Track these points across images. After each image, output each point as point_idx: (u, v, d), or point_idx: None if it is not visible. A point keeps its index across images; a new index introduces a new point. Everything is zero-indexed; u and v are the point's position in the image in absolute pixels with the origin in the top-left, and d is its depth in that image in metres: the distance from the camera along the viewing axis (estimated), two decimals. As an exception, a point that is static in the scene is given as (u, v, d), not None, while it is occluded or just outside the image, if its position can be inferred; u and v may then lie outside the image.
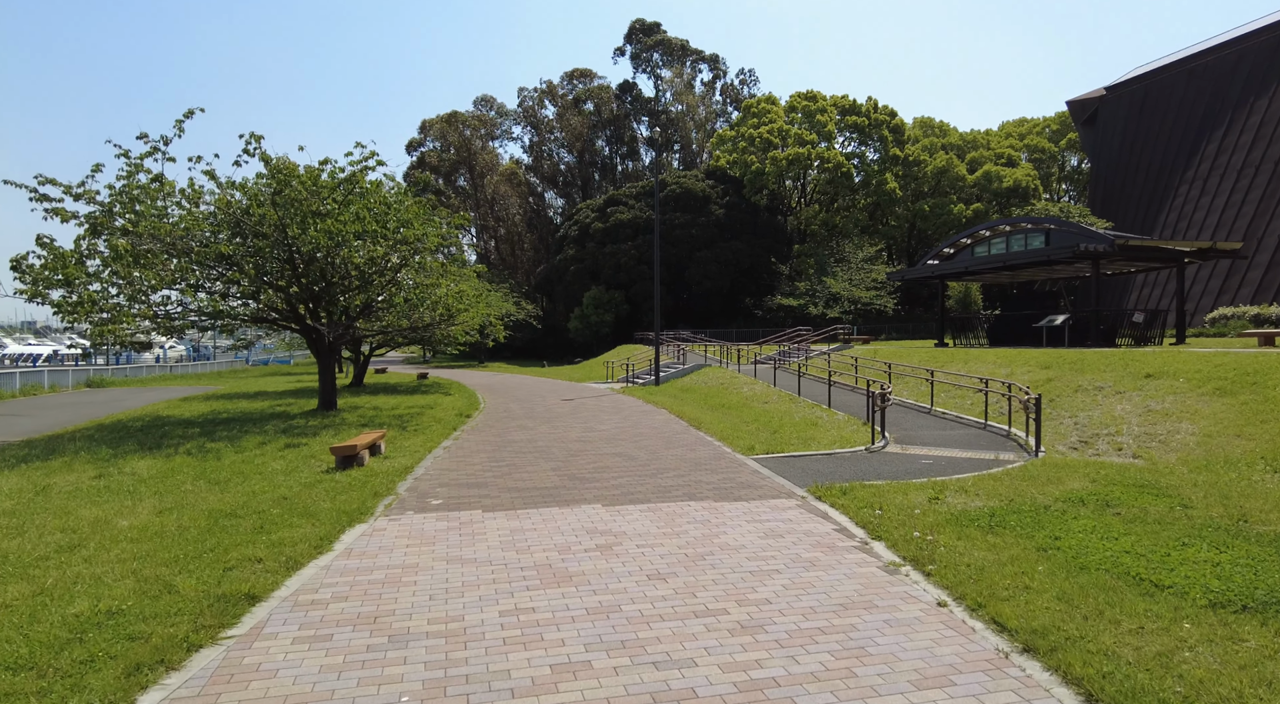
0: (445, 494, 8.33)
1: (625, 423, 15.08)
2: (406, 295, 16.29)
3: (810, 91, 58.65)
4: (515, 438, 13.14)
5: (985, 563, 5.54)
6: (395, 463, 10.35)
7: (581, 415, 16.68)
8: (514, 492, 8.43)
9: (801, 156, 52.58)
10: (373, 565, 5.74)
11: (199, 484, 8.84)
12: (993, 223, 29.17)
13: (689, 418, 15.34)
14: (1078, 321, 25.76)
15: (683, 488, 8.54)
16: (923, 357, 23.21)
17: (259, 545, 6.06)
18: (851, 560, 5.84)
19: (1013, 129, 67.36)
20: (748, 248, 53.19)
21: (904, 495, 7.91)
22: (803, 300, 45.35)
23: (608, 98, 76.24)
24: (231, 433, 13.64)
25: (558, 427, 14.68)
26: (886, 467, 10.08)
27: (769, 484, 8.75)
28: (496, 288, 53.50)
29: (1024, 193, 56.89)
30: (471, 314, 16.70)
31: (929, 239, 59.12)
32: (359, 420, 15.54)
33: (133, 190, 14.02)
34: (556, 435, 13.38)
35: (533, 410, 17.95)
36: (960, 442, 12.51)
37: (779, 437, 12.58)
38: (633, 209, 55.57)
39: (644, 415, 16.39)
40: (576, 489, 8.51)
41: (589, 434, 13.47)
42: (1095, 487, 8.19)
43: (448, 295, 15.73)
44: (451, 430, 14.11)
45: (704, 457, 10.77)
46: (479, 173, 74.28)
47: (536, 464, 10.29)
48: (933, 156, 57.48)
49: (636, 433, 13.50)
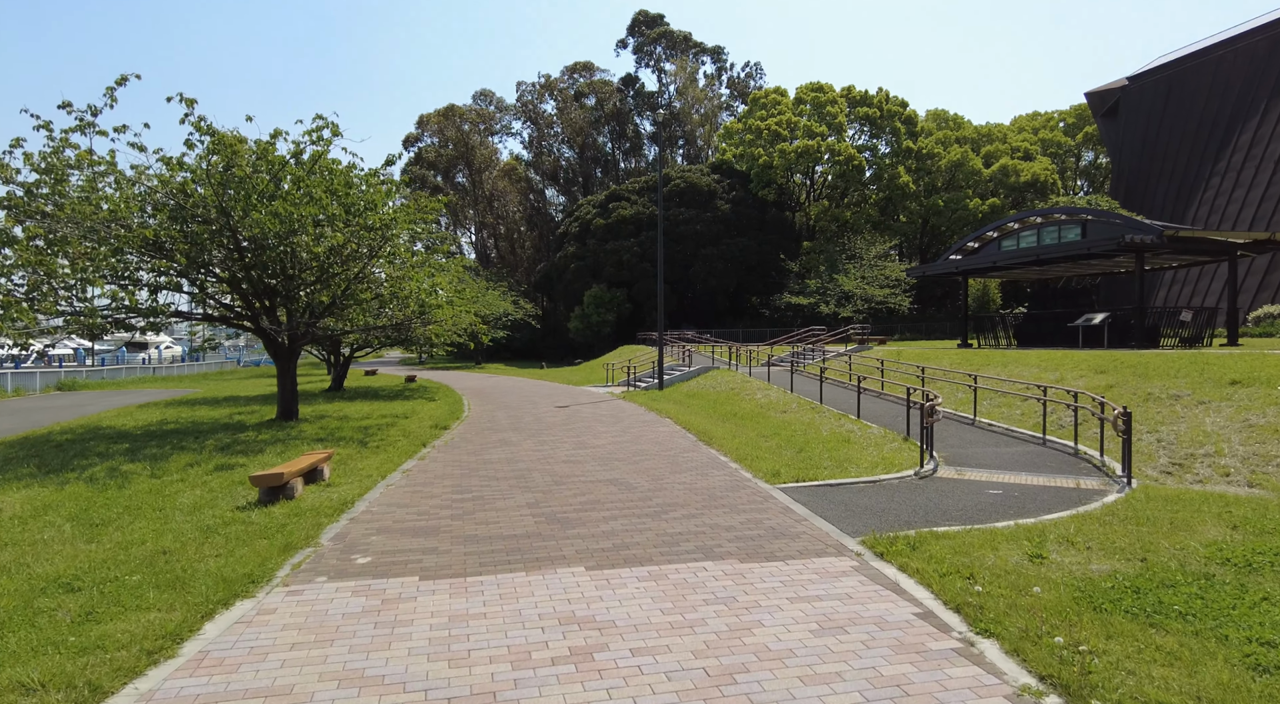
0: (379, 547, 6.30)
1: (624, 437, 13.04)
2: (377, 290, 14.28)
3: (819, 83, 56.53)
4: (493, 457, 11.10)
5: (1182, 696, 3.49)
6: (336, 494, 8.32)
7: (575, 427, 14.65)
8: (471, 543, 6.39)
9: (811, 149, 50.46)
10: (224, 692, 3.70)
11: (67, 529, 6.82)
12: (1022, 214, 27.09)
13: (697, 430, 13.29)
14: (1116, 320, 23.66)
15: (695, 536, 6.49)
16: (953, 359, 21.12)
17: (60, 654, 4.03)
18: (961, 684, 3.78)
19: (1026, 123, 65.18)
20: (755, 244, 51.08)
21: (993, 551, 5.86)
22: (813, 299, 43.22)
23: (610, 92, 74.17)
24: (163, 450, 11.63)
25: (545, 442, 12.63)
26: (949, 500, 8.03)
27: (808, 530, 6.70)
28: (495, 286, 51.45)
29: (1041, 187, 54.69)
30: (448, 311, 14.47)
31: (942, 236, 56.96)
32: (318, 434, 13.52)
33: (58, 169, 12.05)
34: (542, 454, 11.34)
35: (520, 420, 15.92)
36: (1022, 462, 10.45)
37: (807, 457, 10.51)
38: (635, 204, 53.48)
39: (646, 427, 14.36)
40: (554, 539, 6.47)
41: (580, 452, 11.43)
42: (1247, 538, 6.13)
43: (420, 290, 13.64)
44: (420, 446, 12.07)
45: (719, 485, 8.72)
46: (477, 168, 72.31)
47: (510, 497, 8.26)
48: (947, 150, 55.30)
49: (637, 451, 11.45)
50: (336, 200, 13.12)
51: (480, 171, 72.75)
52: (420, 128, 75.23)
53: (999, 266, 26.43)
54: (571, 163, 76.88)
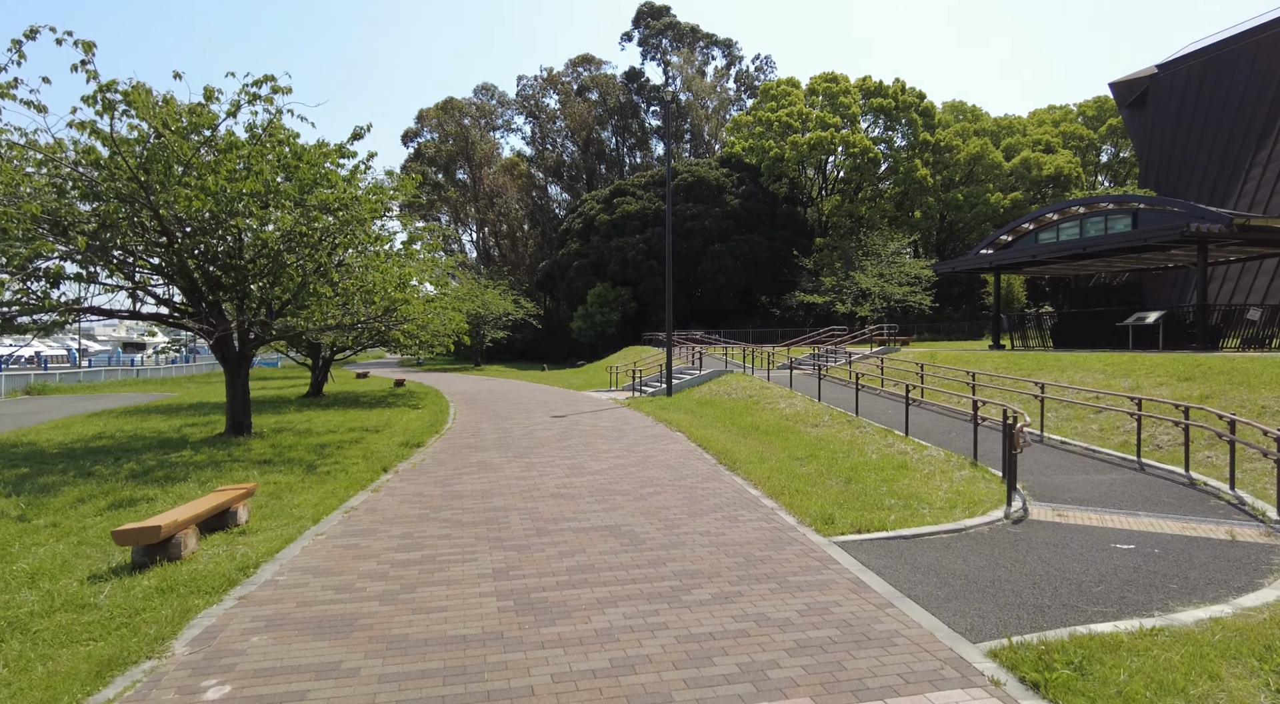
0: (255, 660, 4.13)
1: (629, 458, 10.87)
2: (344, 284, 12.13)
3: (832, 73, 54.26)
4: (465, 488, 8.94)
5: None
6: (241, 550, 6.18)
7: (571, 443, 12.48)
8: (395, 654, 4.22)
9: (824, 141, 48.18)
10: None
11: None
12: (1062, 204, 24.84)
13: (716, 450, 11.11)
14: (1171, 319, 21.38)
15: (735, 644, 4.31)
16: (995, 362, 18.87)
17: None
18: None
19: (1045, 116, 62.72)
20: (765, 240, 48.86)
21: (1211, 679, 3.67)
22: (829, 297, 40.92)
23: (614, 86, 71.99)
24: (64, 477, 9.50)
25: (532, 465, 10.47)
26: (1071, 562, 5.84)
27: (902, 628, 4.51)
28: (495, 284, 49.26)
29: (1065, 181, 52.37)
30: (419, 307, 12.08)
31: (959, 233, 54.67)
32: (265, 454, 11.38)
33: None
34: (526, 484, 9.17)
35: (508, 436, 13.76)
36: (1128, 496, 8.25)
37: (861, 491, 8.32)
38: (641, 199, 51.27)
39: (655, 444, 12.19)
40: (520, 650, 4.28)
41: (574, 480, 9.26)
42: None
43: (386, 283, 11.40)
44: (379, 473, 9.91)
45: (756, 538, 6.54)
46: (477, 163, 70.20)
47: (473, 557, 6.09)
48: (965, 142, 52.97)
49: (644, 479, 9.27)
50: (288, 176, 10.98)
51: (480, 167, 70.64)
52: (420, 123, 73.19)
53: (1038, 261, 24.15)
54: (575, 158, 74.71)
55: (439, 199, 70.56)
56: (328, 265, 11.89)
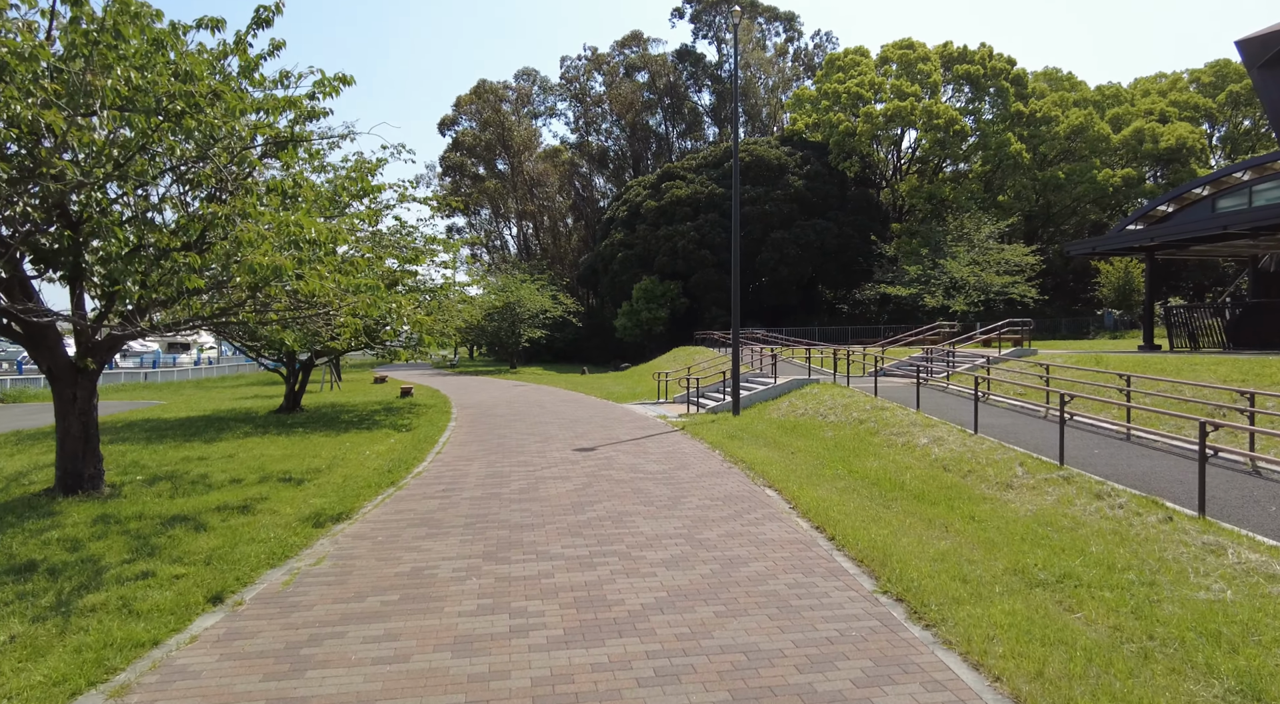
0: None
1: (695, 567, 5.78)
2: (217, 249, 7.22)
3: (908, 39, 48.10)
4: (325, 691, 3.99)
5: None
6: None
7: (591, 515, 7.45)
8: None
9: (902, 111, 42.12)
10: None
11: None
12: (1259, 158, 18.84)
13: (861, 547, 5.92)
14: None
15: None
16: (1208, 372, 13.08)
17: None
18: None
19: (1150, 85, 55.06)
20: (834, 226, 43.06)
21: None
22: (915, 289, 35.03)
23: (664, 66, 66.79)
24: None
25: (509, 593, 5.48)
26: None
27: None
28: (535, 278, 44.60)
29: (1186, 154, 45.02)
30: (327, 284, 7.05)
31: (1055, 217, 47.89)
32: (55, 551, 6.68)
33: None
34: (475, 674, 4.17)
35: (496, 495, 8.78)
36: None
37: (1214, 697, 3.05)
38: (692, 183, 45.97)
39: (737, 521, 7.07)
40: None
41: (583, 658, 4.23)
42: None
43: (263, 242, 6.28)
44: (169, 631, 5.00)
45: None
46: (515, 151, 65.88)
47: None
48: (1065, 113, 46.12)
49: (735, 645, 4.18)
50: (130, 67, 6.26)
51: (519, 154, 66.30)
52: (457, 110, 69.34)
53: (1230, 234, 18.10)
54: (621, 146, 69.78)
55: (477, 191, 66.58)
56: (213, 226, 7.06)
